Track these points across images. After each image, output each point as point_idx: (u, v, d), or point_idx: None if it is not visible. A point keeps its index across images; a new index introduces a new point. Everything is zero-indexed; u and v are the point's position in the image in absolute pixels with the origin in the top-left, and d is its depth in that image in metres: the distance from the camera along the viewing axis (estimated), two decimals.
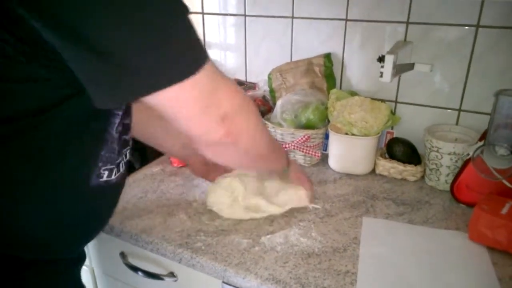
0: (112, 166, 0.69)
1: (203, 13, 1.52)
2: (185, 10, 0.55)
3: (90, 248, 1.11)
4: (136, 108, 0.74)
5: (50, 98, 0.57)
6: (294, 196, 0.99)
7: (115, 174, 0.71)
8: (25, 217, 0.64)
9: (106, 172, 0.69)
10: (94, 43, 0.48)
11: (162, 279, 0.95)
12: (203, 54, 0.57)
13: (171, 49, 0.53)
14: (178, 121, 0.61)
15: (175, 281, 0.95)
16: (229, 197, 0.97)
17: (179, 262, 0.89)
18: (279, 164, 0.93)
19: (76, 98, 0.58)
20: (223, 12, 1.48)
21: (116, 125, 0.66)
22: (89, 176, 0.67)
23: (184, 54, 0.55)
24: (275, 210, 0.98)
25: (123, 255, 1.01)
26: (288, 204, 0.99)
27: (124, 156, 0.73)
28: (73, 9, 0.46)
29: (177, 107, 0.58)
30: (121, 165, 0.72)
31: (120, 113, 0.66)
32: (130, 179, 1.17)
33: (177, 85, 0.54)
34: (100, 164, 0.67)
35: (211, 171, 1.05)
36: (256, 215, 0.97)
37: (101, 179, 0.68)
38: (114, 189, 0.75)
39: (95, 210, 0.74)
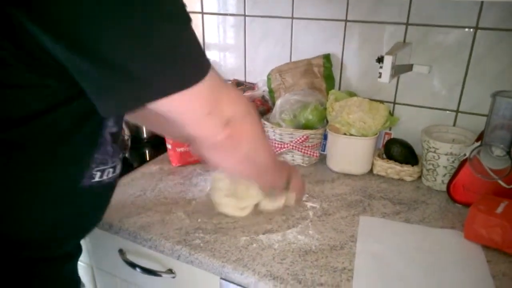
0: (104, 167, 0.70)
1: (202, 13, 1.53)
2: (188, 20, 0.56)
3: (88, 246, 1.12)
4: None
5: (45, 103, 0.58)
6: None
7: (107, 175, 0.71)
8: (16, 216, 0.64)
9: (98, 173, 0.69)
10: (99, 54, 0.50)
11: (160, 275, 0.96)
12: (205, 63, 0.59)
13: (175, 58, 0.54)
14: (182, 125, 0.63)
15: (174, 277, 0.96)
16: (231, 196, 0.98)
17: (178, 259, 0.89)
18: (278, 179, 0.92)
19: (70, 103, 0.59)
20: (222, 12, 1.49)
21: (109, 127, 0.67)
22: (81, 177, 0.67)
23: (187, 63, 0.57)
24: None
25: (121, 252, 1.02)
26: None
27: (119, 159, 0.74)
28: (79, 21, 0.48)
29: (181, 113, 0.61)
30: (117, 167, 0.74)
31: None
32: (129, 178, 1.18)
33: (181, 93, 0.56)
34: (93, 165, 0.68)
35: None
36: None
37: (93, 180, 0.69)
38: (106, 189, 0.76)
39: (86, 210, 0.74)
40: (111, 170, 0.71)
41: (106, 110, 0.57)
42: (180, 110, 0.60)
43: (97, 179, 0.69)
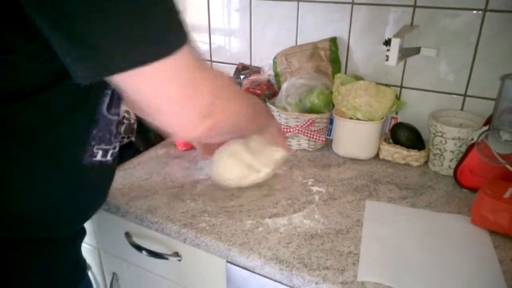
0: (107, 147, 0.69)
1: None
2: None
3: (95, 228, 1.13)
4: None
5: (45, 77, 0.57)
6: (272, 161, 1.02)
7: (111, 156, 0.71)
8: (15, 195, 0.63)
9: (100, 152, 0.68)
10: (65, 19, 0.47)
11: (166, 258, 0.97)
12: (181, 37, 0.54)
13: (144, 25, 0.49)
14: (153, 113, 0.57)
15: (180, 260, 0.97)
16: (234, 164, 0.99)
17: (184, 242, 0.90)
18: (258, 124, 0.90)
19: (68, 78, 0.56)
20: None
21: (107, 104, 0.66)
22: (81, 154, 0.66)
23: (159, 34, 0.51)
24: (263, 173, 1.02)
25: (128, 235, 1.02)
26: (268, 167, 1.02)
27: (120, 138, 0.73)
28: None
29: (151, 96, 0.55)
30: (116, 148, 0.73)
31: (109, 92, 0.65)
32: (135, 161, 1.18)
33: (148, 67, 0.50)
34: (93, 143, 0.67)
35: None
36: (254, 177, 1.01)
37: (94, 159, 0.68)
38: (109, 170, 0.76)
39: (88, 189, 0.74)
40: (112, 150, 0.71)
41: (77, 76, 0.52)
42: (150, 91, 0.54)
43: (99, 158, 0.68)
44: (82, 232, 0.84)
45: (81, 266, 0.83)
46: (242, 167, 0.99)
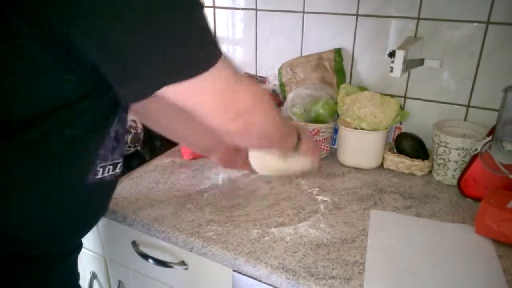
0: (105, 164, 0.71)
1: (214, 7, 1.53)
2: (200, 6, 0.57)
3: (102, 237, 1.14)
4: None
5: (66, 98, 0.59)
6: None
7: (107, 172, 0.72)
8: (19, 215, 0.64)
9: (101, 170, 0.70)
10: (114, 42, 0.52)
11: (172, 267, 0.97)
12: (217, 51, 0.60)
13: (184, 45, 0.55)
14: (197, 114, 0.64)
15: (186, 269, 0.98)
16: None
17: (191, 251, 0.91)
18: (291, 144, 0.92)
19: (82, 100, 0.60)
20: (234, 6, 1.49)
21: (114, 124, 0.69)
22: (88, 173, 0.68)
23: (197, 51, 0.57)
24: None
25: (134, 243, 1.03)
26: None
27: (121, 157, 0.75)
28: (95, 15, 0.50)
29: (194, 102, 0.61)
30: (117, 166, 0.75)
31: (119, 114, 0.69)
32: (141, 170, 1.20)
33: (190, 80, 0.57)
34: (97, 162, 0.69)
35: (238, 159, 1.08)
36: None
37: (96, 177, 0.70)
38: (107, 187, 0.77)
39: (88, 207, 0.75)
40: (111, 167, 0.72)
41: (124, 97, 0.59)
42: (190, 100, 0.61)
43: (99, 175, 0.70)
44: (80, 245, 0.85)
45: (76, 279, 0.84)
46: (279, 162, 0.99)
